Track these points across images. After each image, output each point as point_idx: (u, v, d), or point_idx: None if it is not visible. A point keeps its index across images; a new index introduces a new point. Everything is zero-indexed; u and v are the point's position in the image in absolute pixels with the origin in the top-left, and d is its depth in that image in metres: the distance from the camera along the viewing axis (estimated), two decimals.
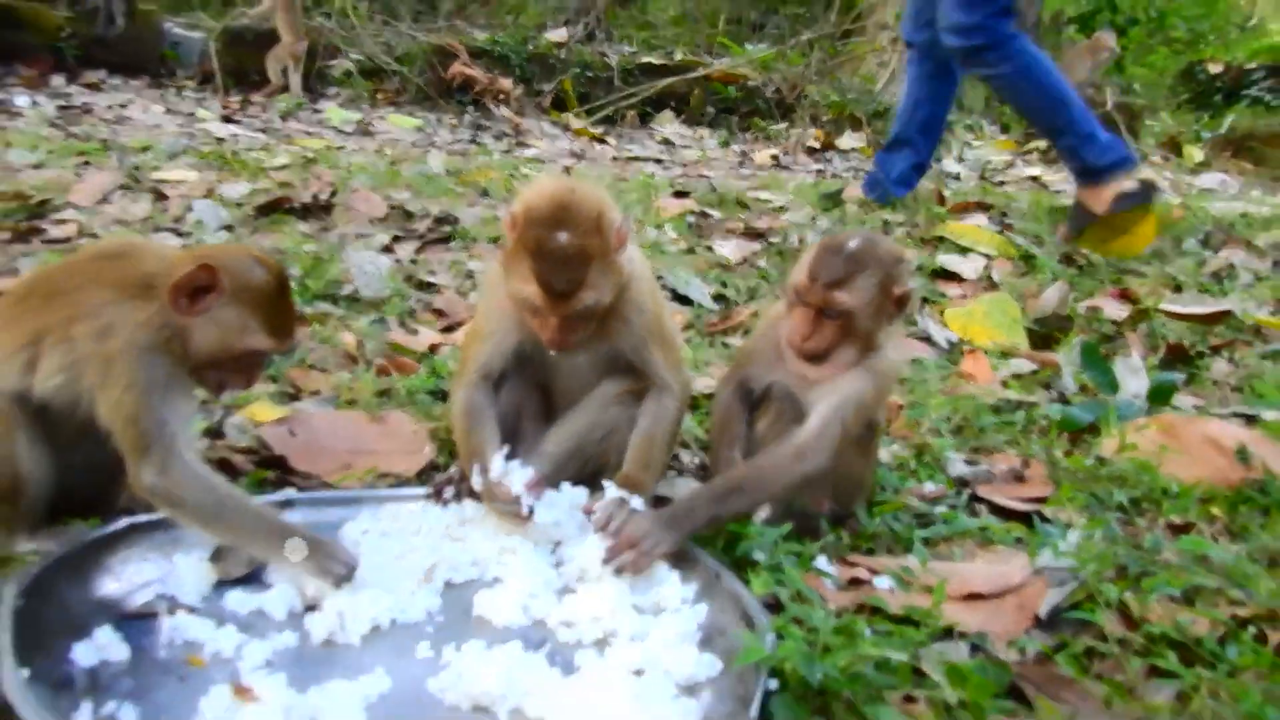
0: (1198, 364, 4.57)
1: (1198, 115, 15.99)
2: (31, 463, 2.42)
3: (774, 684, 2.01)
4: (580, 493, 2.76)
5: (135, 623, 2.25)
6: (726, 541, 2.64)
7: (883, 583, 2.56)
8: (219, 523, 2.39)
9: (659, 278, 4.97)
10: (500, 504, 2.64)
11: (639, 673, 2.17)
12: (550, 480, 2.78)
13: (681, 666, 2.16)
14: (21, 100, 8.81)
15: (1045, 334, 4.93)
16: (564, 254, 2.55)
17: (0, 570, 2.34)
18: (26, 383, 2.39)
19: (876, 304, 2.72)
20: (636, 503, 2.64)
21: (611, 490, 2.67)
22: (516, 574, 2.52)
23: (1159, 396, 3.87)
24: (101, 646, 2.10)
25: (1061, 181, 9.92)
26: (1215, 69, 17.64)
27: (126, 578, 2.38)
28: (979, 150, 12.58)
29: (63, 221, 5.07)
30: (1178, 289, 5.87)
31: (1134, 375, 4.07)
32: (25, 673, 1.88)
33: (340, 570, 2.38)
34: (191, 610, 2.30)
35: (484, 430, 2.82)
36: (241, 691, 1.97)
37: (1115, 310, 5.27)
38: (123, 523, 2.47)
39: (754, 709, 1.94)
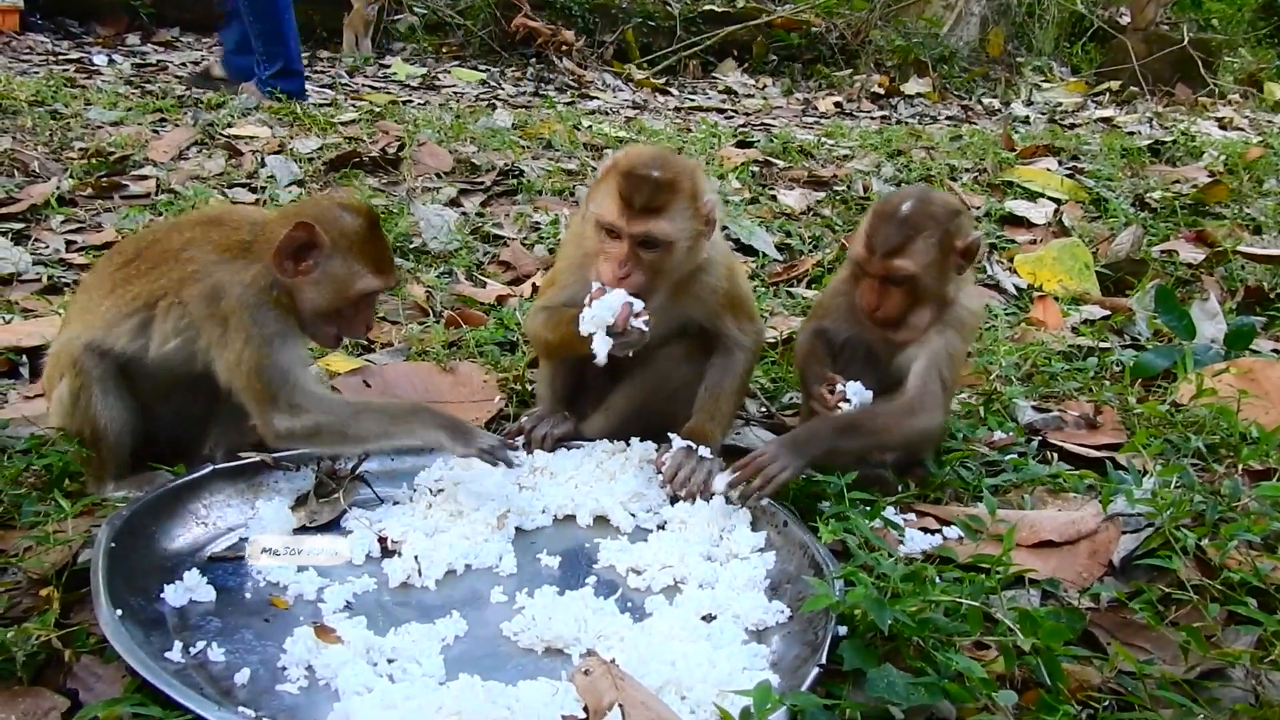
0: (1278, 307, 4.46)
1: (1279, 51, 15.42)
2: (107, 414, 2.53)
3: (843, 630, 2.02)
4: (648, 446, 2.79)
5: (221, 565, 2.33)
6: (796, 491, 2.65)
7: (951, 532, 2.56)
8: (354, 441, 2.54)
9: (722, 228, 4.94)
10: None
11: (708, 618, 2.20)
12: (619, 434, 2.83)
13: (750, 612, 2.19)
14: (99, 59, 8.96)
15: (1118, 279, 4.84)
16: (653, 178, 2.58)
17: (92, 515, 2.42)
18: (140, 345, 2.51)
19: (939, 263, 2.73)
20: (704, 453, 2.67)
21: (678, 441, 2.69)
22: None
23: (1237, 340, 3.78)
24: (190, 588, 2.18)
25: (1134, 123, 9.65)
26: None
27: (212, 522, 2.47)
28: (1048, 93, 12.25)
29: (142, 177, 5.19)
30: (1257, 231, 5.71)
31: (1211, 319, 3.99)
32: (119, 612, 1.95)
33: (484, 443, 2.49)
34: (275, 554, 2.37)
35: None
36: (324, 632, 2.03)
37: (1191, 253, 5.14)
38: (206, 469, 2.56)
39: (823, 654, 1.96)
